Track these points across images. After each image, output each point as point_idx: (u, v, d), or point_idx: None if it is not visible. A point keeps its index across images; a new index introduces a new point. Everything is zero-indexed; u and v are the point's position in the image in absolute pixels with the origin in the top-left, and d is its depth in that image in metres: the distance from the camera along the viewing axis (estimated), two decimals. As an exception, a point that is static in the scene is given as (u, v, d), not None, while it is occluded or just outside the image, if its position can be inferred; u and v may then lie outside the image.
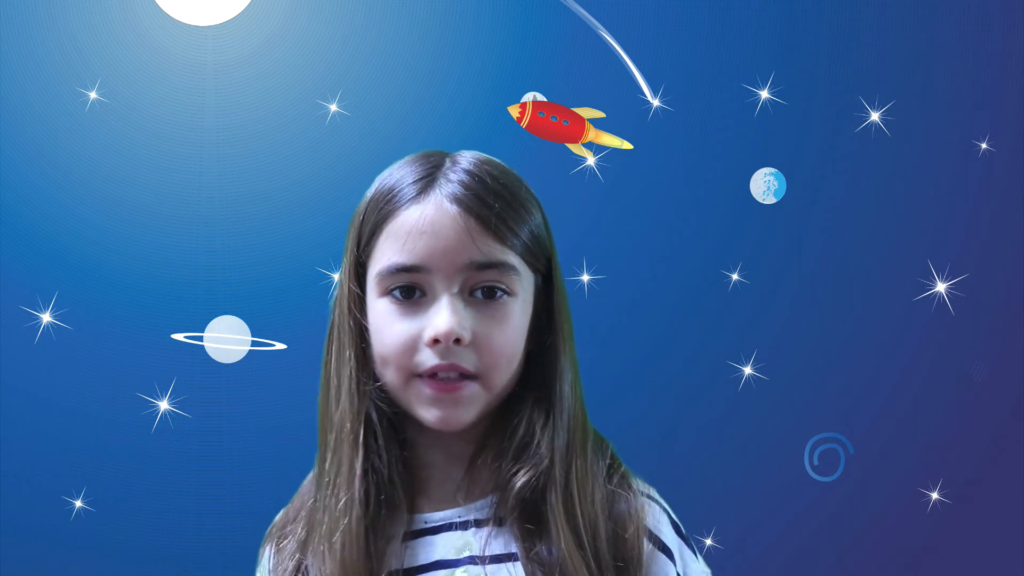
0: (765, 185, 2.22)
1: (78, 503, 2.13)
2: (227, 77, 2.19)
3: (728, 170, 2.22)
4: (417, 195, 1.13)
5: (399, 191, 1.14)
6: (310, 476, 1.22)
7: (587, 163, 2.20)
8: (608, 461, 1.16)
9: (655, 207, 2.21)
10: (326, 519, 1.13)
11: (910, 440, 2.23)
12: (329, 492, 1.14)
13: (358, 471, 1.13)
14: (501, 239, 1.12)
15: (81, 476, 2.14)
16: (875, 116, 2.22)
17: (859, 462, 2.21)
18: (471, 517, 1.14)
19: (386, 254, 1.13)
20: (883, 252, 2.23)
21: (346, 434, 1.14)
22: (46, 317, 2.14)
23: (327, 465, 1.15)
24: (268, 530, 1.24)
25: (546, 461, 1.12)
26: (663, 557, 1.13)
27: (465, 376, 1.12)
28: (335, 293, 1.19)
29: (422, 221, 1.12)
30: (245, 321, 2.16)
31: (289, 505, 1.23)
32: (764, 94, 2.21)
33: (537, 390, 1.15)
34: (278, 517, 1.24)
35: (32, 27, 2.16)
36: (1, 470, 2.14)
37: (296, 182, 2.18)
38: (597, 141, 2.20)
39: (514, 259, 1.13)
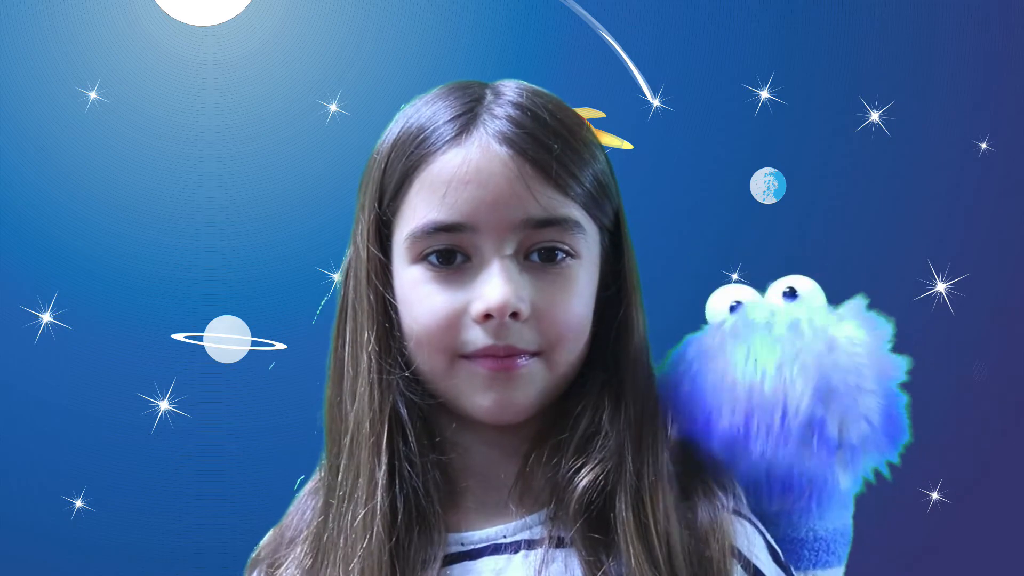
0: (765, 185, 2.22)
1: (78, 503, 2.13)
2: (227, 77, 2.19)
3: (728, 170, 2.22)
4: (456, 135, 0.93)
5: (432, 131, 0.94)
6: (308, 488, 1.04)
7: (587, 163, 2.20)
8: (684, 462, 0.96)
9: (655, 207, 2.21)
10: (340, 542, 0.92)
11: (910, 440, 2.22)
12: (343, 509, 0.93)
13: (380, 481, 0.91)
14: (562, 188, 0.92)
15: (81, 476, 2.14)
16: (875, 116, 2.22)
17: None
18: (521, 537, 0.93)
19: (420, 210, 0.92)
20: (883, 252, 2.23)
21: (364, 436, 0.93)
22: (46, 317, 2.14)
23: (340, 476, 0.95)
24: (254, 554, 1.06)
25: (615, 458, 0.92)
26: None
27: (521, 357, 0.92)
28: (347, 263, 1.00)
29: (465, 168, 0.91)
30: (245, 321, 2.16)
31: (280, 525, 1.05)
32: (764, 94, 2.21)
33: (604, 372, 0.96)
34: (267, 539, 1.05)
35: (32, 27, 2.16)
36: (1, 470, 2.14)
37: (296, 182, 2.18)
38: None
39: (578, 212, 0.93)
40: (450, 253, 0.92)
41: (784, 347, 0.97)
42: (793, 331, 0.98)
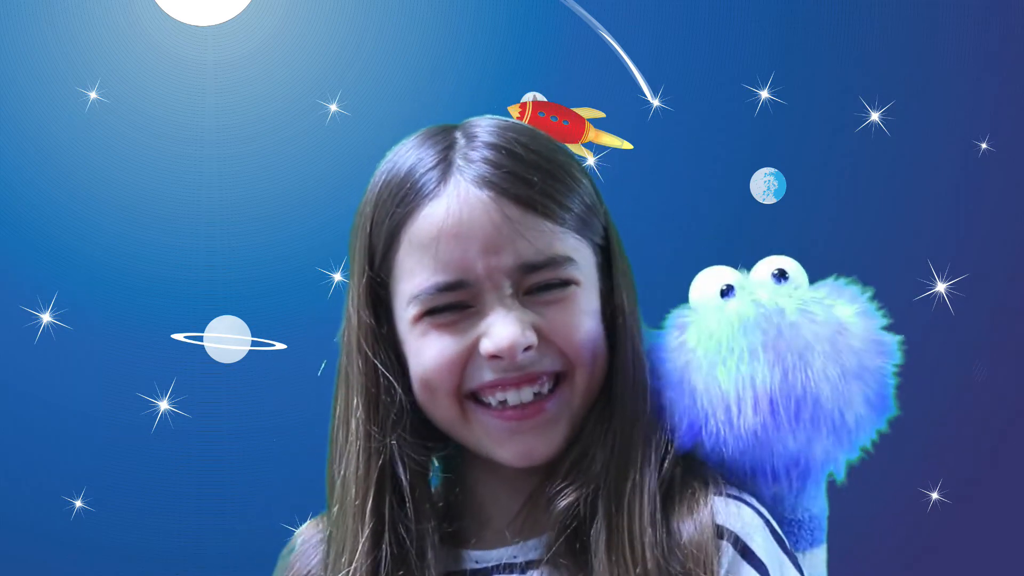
0: (765, 185, 2.22)
1: (78, 503, 2.13)
2: (227, 77, 2.19)
3: (728, 170, 2.22)
4: (435, 187, 0.91)
5: (412, 185, 0.92)
6: (319, 537, 1.04)
7: (587, 163, 2.19)
8: (672, 472, 0.93)
9: (655, 207, 2.21)
10: None
11: (910, 440, 2.22)
12: (336, 569, 0.95)
13: (361, 546, 0.92)
14: (551, 218, 0.91)
15: (81, 476, 2.13)
16: (875, 116, 2.22)
17: (859, 462, 2.21)
18: (525, 557, 0.94)
19: (415, 271, 0.91)
20: (883, 252, 2.23)
21: (350, 502, 0.94)
22: (46, 317, 2.14)
23: (334, 537, 0.97)
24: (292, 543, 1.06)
25: (597, 481, 0.92)
26: (749, 570, 0.89)
27: (541, 388, 0.92)
28: (342, 328, 0.99)
29: (449, 220, 0.90)
30: (245, 321, 2.16)
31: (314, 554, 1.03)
32: (764, 94, 2.21)
33: (603, 394, 0.95)
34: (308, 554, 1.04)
35: (32, 27, 2.16)
36: (1, 470, 2.14)
37: (296, 182, 2.18)
38: (597, 141, 2.20)
39: (569, 240, 0.93)
40: (453, 305, 0.92)
41: (751, 333, 0.95)
42: (766, 317, 0.95)
